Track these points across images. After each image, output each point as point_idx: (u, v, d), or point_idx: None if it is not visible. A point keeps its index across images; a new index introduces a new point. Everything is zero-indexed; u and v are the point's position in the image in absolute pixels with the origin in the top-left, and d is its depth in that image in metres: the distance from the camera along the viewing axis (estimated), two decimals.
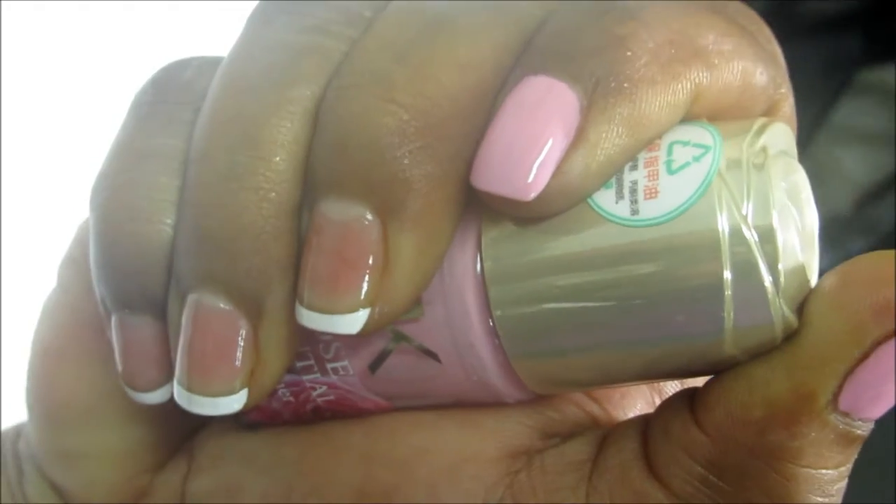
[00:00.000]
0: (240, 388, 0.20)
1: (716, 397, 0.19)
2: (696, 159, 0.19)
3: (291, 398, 0.22)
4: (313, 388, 0.22)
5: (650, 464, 0.20)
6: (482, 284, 0.20)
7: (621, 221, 0.19)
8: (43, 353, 0.25)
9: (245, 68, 0.21)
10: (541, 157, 0.19)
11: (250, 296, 0.20)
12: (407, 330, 0.21)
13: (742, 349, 0.19)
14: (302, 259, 0.20)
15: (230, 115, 0.20)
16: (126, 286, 0.21)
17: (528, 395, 0.22)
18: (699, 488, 0.19)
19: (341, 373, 0.22)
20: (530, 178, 0.19)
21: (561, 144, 0.19)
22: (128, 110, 0.23)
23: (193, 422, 0.25)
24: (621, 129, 0.19)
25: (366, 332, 0.19)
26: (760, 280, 0.18)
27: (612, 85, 0.19)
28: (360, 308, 0.19)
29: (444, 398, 0.22)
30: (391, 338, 0.21)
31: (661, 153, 0.19)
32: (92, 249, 0.22)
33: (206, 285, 0.20)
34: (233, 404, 0.20)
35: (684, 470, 0.19)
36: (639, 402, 0.23)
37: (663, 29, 0.19)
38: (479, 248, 0.20)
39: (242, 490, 0.23)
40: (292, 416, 0.23)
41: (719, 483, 0.19)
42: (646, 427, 0.20)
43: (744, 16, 0.22)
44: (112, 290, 0.22)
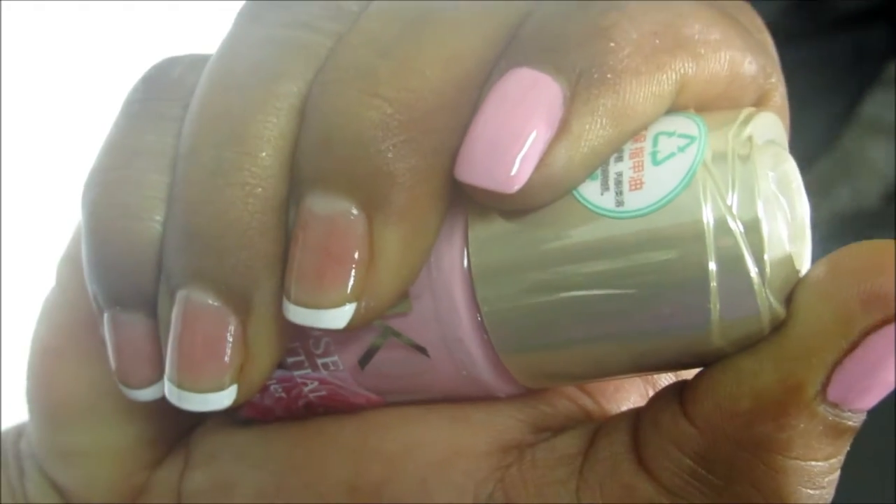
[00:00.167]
0: (229, 384, 0.20)
1: (704, 389, 0.19)
2: (681, 150, 0.19)
3: (283, 394, 0.23)
4: (304, 384, 0.22)
5: (640, 457, 0.20)
6: (469, 279, 0.20)
7: (606, 213, 0.19)
8: (42, 352, 0.25)
9: (232, 65, 0.21)
10: (524, 149, 0.19)
11: (238, 292, 0.20)
12: (395, 324, 0.21)
13: (729, 341, 0.19)
14: (289, 254, 0.20)
15: (217, 111, 0.20)
16: (117, 284, 0.21)
17: (518, 390, 0.22)
18: (688, 481, 0.19)
19: (331, 368, 0.22)
20: (513, 171, 0.19)
21: (544, 137, 0.19)
22: (120, 108, 0.23)
23: (190, 419, 0.25)
24: (605, 121, 0.19)
25: (352, 326, 0.20)
26: (746, 271, 0.18)
27: (595, 76, 0.19)
28: (346, 303, 0.19)
29: (434, 393, 0.22)
30: (380, 332, 0.21)
31: (647, 144, 0.19)
32: (83, 247, 0.22)
33: (194, 282, 0.20)
34: (222, 400, 0.20)
35: (673, 463, 0.19)
36: (632, 395, 0.23)
37: (648, 19, 0.19)
38: (466, 241, 0.20)
39: (235, 486, 0.23)
40: (285, 411, 0.23)
41: (708, 475, 0.19)
42: (637, 420, 0.20)
43: (733, 5, 0.22)
44: (103, 287, 0.22)
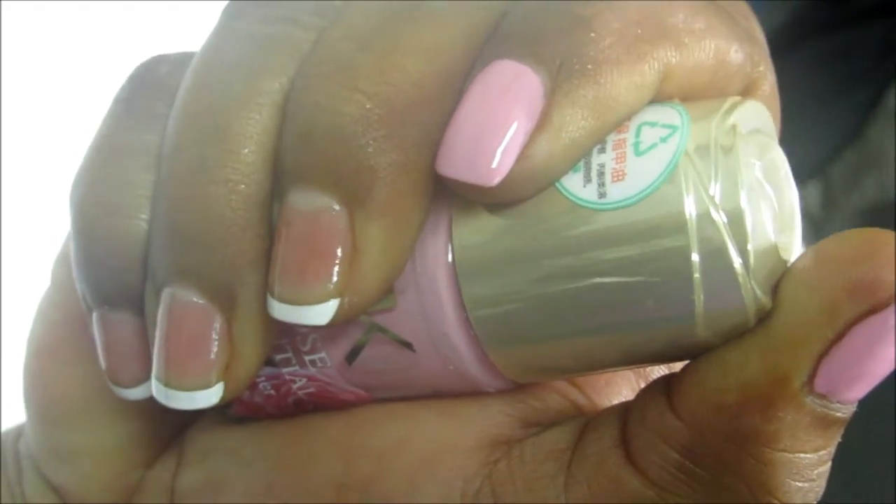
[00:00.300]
0: (215, 382, 0.20)
1: (690, 382, 0.19)
2: (664, 140, 0.19)
3: (272, 391, 0.23)
4: (293, 381, 0.22)
5: (627, 451, 0.20)
6: (454, 273, 0.20)
7: (589, 205, 0.19)
8: (37, 352, 0.26)
9: (215, 61, 0.21)
10: (504, 142, 0.19)
11: (223, 289, 0.20)
12: (381, 320, 0.21)
13: (715, 333, 0.19)
14: (272, 250, 0.20)
15: (200, 108, 0.21)
16: (105, 282, 0.22)
17: (507, 384, 0.22)
18: (676, 475, 0.19)
19: (319, 365, 0.22)
20: (494, 164, 0.19)
21: (525, 129, 0.19)
22: (108, 107, 0.23)
23: (183, 417, 0.25)
24: (586, 112, 0.19)
25: (336, 322, 0.20)
26: (729, 262, 0.18)
27: (576, 67, 0.19)
28: (329, 298, 0.19)
29: (422, 388, 0.22)
30: (366, 328, 0.21)
31: (630, 135, 0.19)
32: (72, 247, 0.22)
33: (178, 279, 0.20)
34: (210, 398, 0.20)
35: (660, 456, 0.19)
36: (623, 389, 0.23)
37: (630, 9, 0.19)
38: (451, 236, 0.20)
39: (227, 484, 0.23)
40: (275, 409, 0.23)
41: (696, 469, 0.19)
42: (625, 414, 0.20)
43: None
44: (91, 286, 0.22)
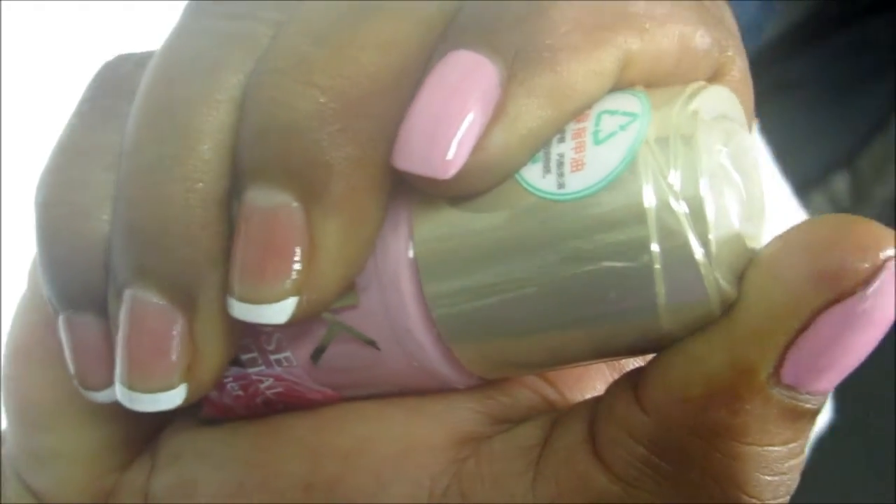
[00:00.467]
0: (178, 384, 0.20)
1: (655, 376, 0.19)
2: (623, 128, 0.18)
3: (240, 392, 0.22)
4: (260, 381, 0.22)
5: (595, 447, 0.20)
6: (416, 269, 0.20)
7: (548, 196, 0.19)
8: (14, 354, 0.26)
9: (174, 59, 0.21)
10: (459, 133, 0.18)
11: (182, 289, 0.20)
12: (345, 318, 0.21)
13: (680, 324, 0.18)
14: (231, 249, 0.20)
15: (158, 105, 0.20)
16: (69, 285, 0.21)
17: (475, 381, 0.21)
18: (642, 470, 0.19)
19: (285, 364, 0.22)
20: (449, 156, 0.18)
21: (480, 120, 0.18)
22: (74, 108, 0.23)
23: (157, 420, 0.25)
24: (543, 101, 0.19)
25: (295, 320, 0.19)
26: (690, 253, 0.18)
27: (532, 56, 0.19)
28: (287, 296, 0.19)
29: (390, 386, 0.21)
30: (329, 327, 0.21)
31: (589, 123, 0.19)
32: (37, 249, 0.22)
33: (139, 280, 0.20)
34: (173, 400, 0.20)
35: (627, 451, 0.19)
36: (596, 383, 0.23)
37: None
38: (411, 231, 0.20)
39: (198, 486, 0.23)
40: (245, 409, 0.23)
41: (662, 464, 0.19)
42: (594, 409, 0.20)
43: None
44: (56, 289, 0.22)
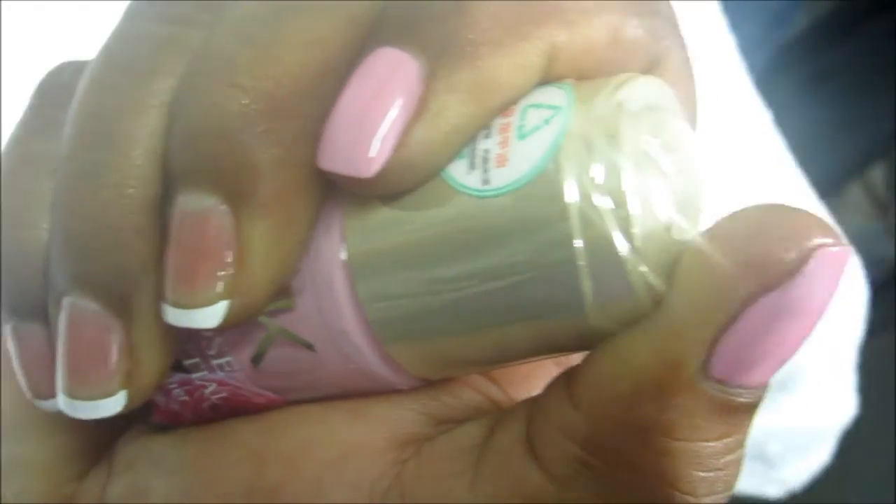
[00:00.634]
0: (118, 390, 0.20)
1: (586, 373, 0.19)
2: (547, 122, 0.18)
3: (187, 397, 0.22)
4: (205, 386, 0.22)
5: (532, 446, 0.19)
6: (349, 270, 0.20)
7: (472, 193, 0.18)
8: None
9: (108, 65, 0.21)
10: (381, 131, 0.18)
11: (118, 295, 0.20)
12: (282, 321, 0.20)
13: (610, 320, 0.18)
14: (164, 255, 0.20)
15: (91, 112, 0.20)
16: (14, 294, 0.22)
17: (417, 381, 0.21)
18: (576, 469, 0.19)
19: (227, 369, 0.22)
20: (371, 155, 0.18)
21: (403, 117, 0.18)
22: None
23: (114, 428, 0.25)
24: (465, 97, 0.18)
25: (227, 324, 0.19)
26: (614, 247, 0.17)
27: (453, 51, 0.18)
28: (218, 300, 0.19)
29: (333, 389, 0.21)
30: (267, 330, 0.21)
31: (515, 118, 0.19)
32: None
33: (75, 288, 0.20)
34: (113, 406, 0.20)
35: (561, 450, 0.19)
36: (542, 381, 0.22)
37: None
38: (343, 232, 0.20)
39: (150, 493, 0.23)
40: (193, 415, 0.23)
41: (595, 462, 0.19)
42: (533, 408, 0.20)
43: None
44: (2, 299, 0.22)
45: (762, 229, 0.17)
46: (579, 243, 0.18)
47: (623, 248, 0.17)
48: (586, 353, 0.19)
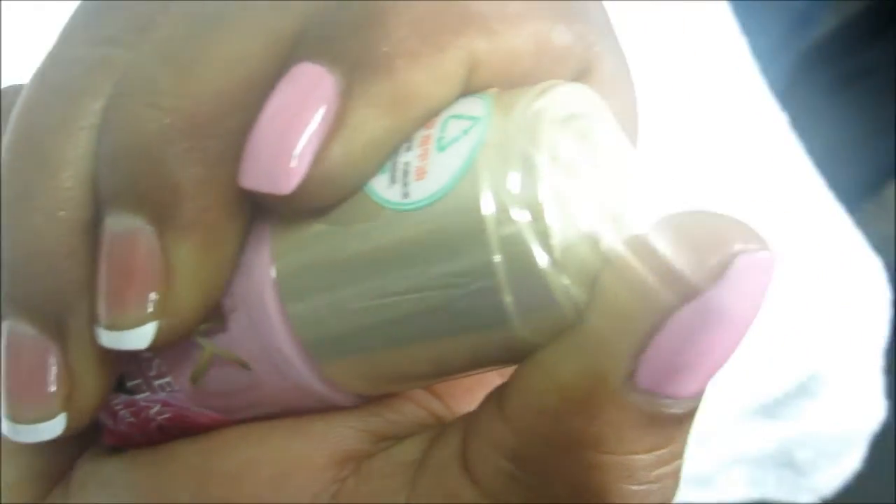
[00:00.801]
0: (57, 413, 0.20)
1: (515, 386, 0.19)
2: (465, 133, 0.18)
3: (133, 419, 0.22)
4: (149, 407, 0.22)
5: (465, 461, 0.19)
6: (279, 289, 0.20)
7: (392, 207, 0.18)
8: None
9: (40, 87, 0.21)
10: (299, 147, 0.18)
11: (53, 319, 0.20)
12: (217, 340, 0.21)
13: (537, 333, 0.18)
14: (95, 277, 0.20)
15: (23, 135, 0.21)
16: None
17: (356, 398, 0.21)
18: (506, 484, 0.18)
19: (168, 389, 0.22)
20: (289, 171, 0.18)
21: (320, 132, 0.18)
22: None
23: (74, 450, 0.25)
24: (382, 110, 0.18)
25: (158, 345, 0.19)
26: (533, 260, 0.17)
27: (369, 64, 0.18)
28: (147, 321, 0.19)
29: (274, 407, 0.21)
30: (203, 350, 0.21)
31: (436, 130, 0.19)
32: None
33: (13, 312, 0.20)
34: (53, 429, 0.21)
35: (492, 465, 0.19)
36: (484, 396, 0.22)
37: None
38: (272, 250, 0.20)
39: None
40: (142, 436, 0.23)
41: (525, 477, 0.18)
42: (468, 423, 0.20)
43: None
44: None
45: (683, 237, 0.17)
46: (497, 257, 0.17)
47: (542, 261, 0.17)
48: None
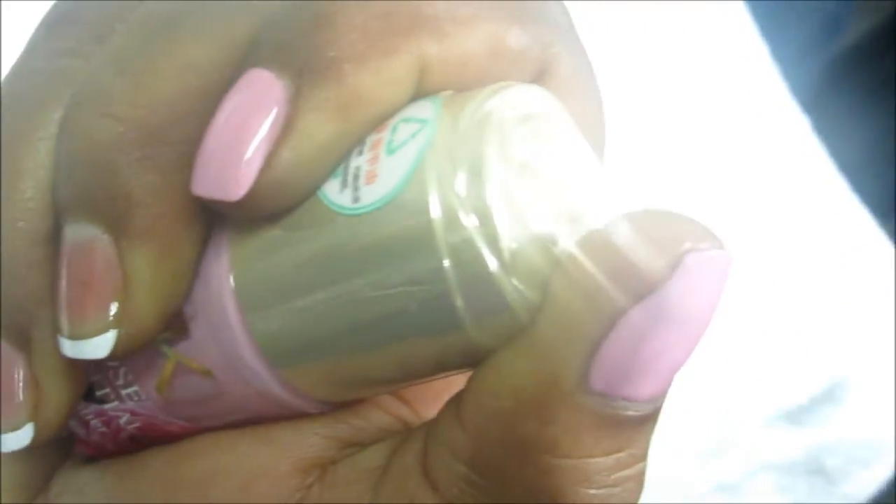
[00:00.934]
0: (24, 423, 0.21)
1: (471, 390, 0.19)
2: (413, 136, 0.18)
3: (104, 428, 0.23)
4: (119, 417, 0.22)
5: (425, 467, 0.19)
6: (237, 296, 0.20)
7: (344, 211, 0.18)
8: None
9: (3, 100, 0.21)
10: (248, 154, 0.18)
11: (16, 329, 0.20)
12: (180, 349, 0.21)
13: (492, 336, 0.18)
14: (55, 287, 0.20)
15: None
16: None
17: (322, 405, 0.21)
18: (464, 489, 0.18)
19: (136, 398, 0.22)
20: (238, 178, 0.18)
21: (269, 138, 0.18)
22: None
23: (55, 460, 0.25)
24: (330, 115, 0.18)
25: (119, 354, 0.20)
26: (481, 263, 0.17)
27: (316, 69, 0.18)
28: (106, 330, 0.19)
29: (241, 415, 0.21)
30: (167, 358, 0.21)
31: (386, 133, 0.19)
32: None
33: None
34: (21, 440, 0.21)
35: (449, 471, 0.19)
36: None
37: (378, 1, 0.19)
38: (231, 257, 0.20)
39: None
40: (114, 446, 0.23)
41: (482, 482, 0.18)
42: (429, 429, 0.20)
43: None
44: None
45: (633, 237, 0.17)
46: (446, 262, 0.17)
47: (492, 263, 0.17)
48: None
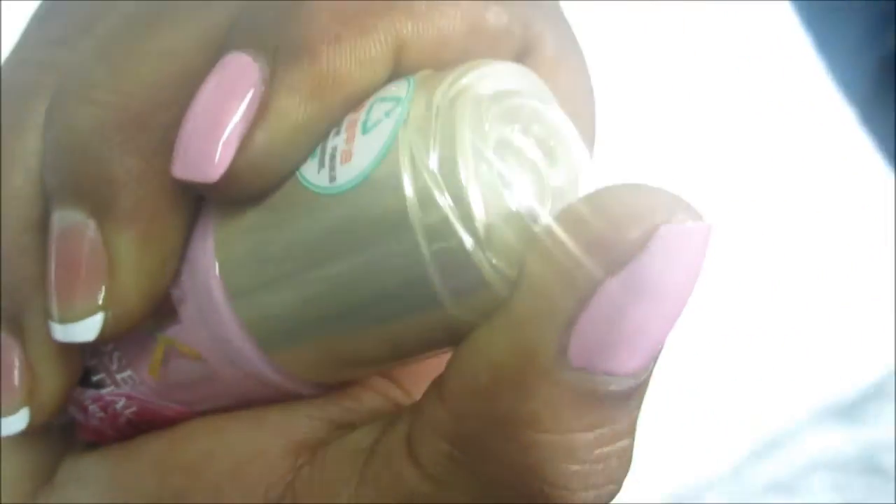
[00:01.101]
0: (20, 408, 0.21)
1: (451, 368, 0.19)
2: (387, 115, 0.18)
3: (102, 413, 0.23)
4: (115, 402, 0.22)
5: (409, 445, 0.19)
6: (223, 279, 0.20)
7: (320, 190, 0.18)
8: None
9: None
10: (224, 135, 0.18)
11: (10, 315, 0.21)
12: (170, 333, 0.21)
13: (472, 312, 0.18)
14: (45, 272, 0.20)
15: None
16: None
17: (313, 386, 0.21)
18: (447, 467, 0.18)
19: (130, 383, 0.22)
20: (215, 159, 0.18)
21: (245, 120, 0.19)
22: None
23: (62, 448, 0.25)
24: (305, 96, 0.19)
25: (107, 337, 0.20)
26: (456, 239, 0.17)
27: (291, 49, 0.18)
28: (94, 313, 0.20)
29: (232, 398, 0.22)
30: (158, 342, 0.21)
31: (362, 113, 0.19)
32: None
33: None
34: (16, 425, 0.21)
35: (432, 447, 0.19)
36: None
37: None
38: (216, 240, 0.20)
39: None
40: (113, 431, 0.23)
41: (464, 459, 0.18)
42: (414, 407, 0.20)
43: None
44: None
45: (608, 209, 0.17)
46: (422, 239, 0.17)
47: (467, 241, 0.17)
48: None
